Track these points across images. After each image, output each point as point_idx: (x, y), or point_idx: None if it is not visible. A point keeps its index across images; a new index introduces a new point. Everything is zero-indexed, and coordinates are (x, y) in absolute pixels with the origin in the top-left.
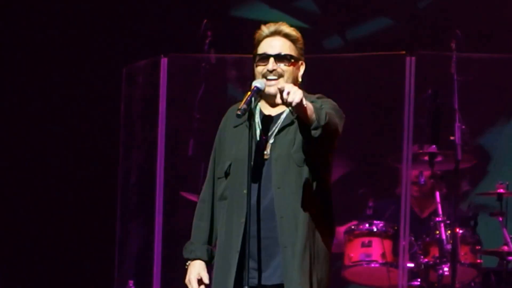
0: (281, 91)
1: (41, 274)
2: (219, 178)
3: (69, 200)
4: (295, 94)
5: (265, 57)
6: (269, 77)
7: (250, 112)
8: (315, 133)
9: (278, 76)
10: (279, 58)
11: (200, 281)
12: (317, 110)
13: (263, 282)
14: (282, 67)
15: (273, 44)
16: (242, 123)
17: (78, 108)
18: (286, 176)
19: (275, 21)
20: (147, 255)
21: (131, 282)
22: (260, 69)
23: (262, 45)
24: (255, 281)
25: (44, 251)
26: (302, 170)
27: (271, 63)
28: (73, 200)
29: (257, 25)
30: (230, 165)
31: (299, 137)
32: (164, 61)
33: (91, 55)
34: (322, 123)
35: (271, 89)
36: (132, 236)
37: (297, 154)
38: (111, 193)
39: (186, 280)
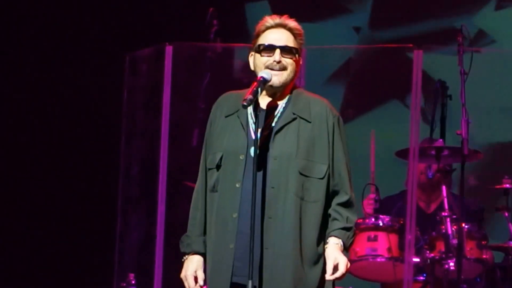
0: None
1: (40, 267)
2: (209, 169)
3: (69, 190)
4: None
5: (271, 48)
6: (274, 68)
7: (256, 103)
8: None
9: (282, 68)
10: (285, 50)
11: (195, 279)
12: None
13: (240, 281)
14: (286, 60)
15: (279, 36)
16: (233, 113)
17: (79, 96)
18: (284, 177)
19: (283, 11)
20: (148, 248)
21: (131, 275)
22: (264, 59)
23: (267, 36)
24: (244, 279)
25: (43, 243)
26: (303, 178)
27: (278, 55)
28: (73, 190)
29: (264, 14)
30: (221, 157)
31: (302, 140)
32: (169, 49)
33: (93, 42)
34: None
35: (276, 79)
36: (133, 228)
37: (302, 161)
38: (112, 183)
39: (182, 275)
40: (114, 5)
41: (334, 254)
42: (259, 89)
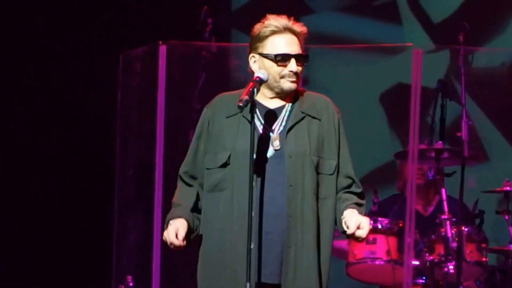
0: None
1: (37, 269)
2: (209, 169)
3: (64, 192)
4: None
5: (287, 57)
6: (291, 78)
7: (252, 104)
8: None
9: (297, 76)
10: (298, 59)
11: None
12: None
13: (263, 280)
14: (298, 68)
15: (291, 43)
16: (235, 114)
17: (73, 96)
18: (300, 175)
19: (277, 9)
20: (146, 250)
21: (129, 278)
22: (279, 69)
23: (278, 42)
24: (268, 278)
25: (40, 246)
26: (316, 175)
27: (295, 66)
28: (68, 192)
29: (259, 13)
30: (229, 156)
31: (313, 137)
32: (163, 49)
33: (87, 41)
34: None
35: (292, 86)
36: (130, 230)
37: (315, 158)
38: (107, 185)
39: (165, 234)
40: (107, 4)
41: (356, 216)
42: (255, 90)
